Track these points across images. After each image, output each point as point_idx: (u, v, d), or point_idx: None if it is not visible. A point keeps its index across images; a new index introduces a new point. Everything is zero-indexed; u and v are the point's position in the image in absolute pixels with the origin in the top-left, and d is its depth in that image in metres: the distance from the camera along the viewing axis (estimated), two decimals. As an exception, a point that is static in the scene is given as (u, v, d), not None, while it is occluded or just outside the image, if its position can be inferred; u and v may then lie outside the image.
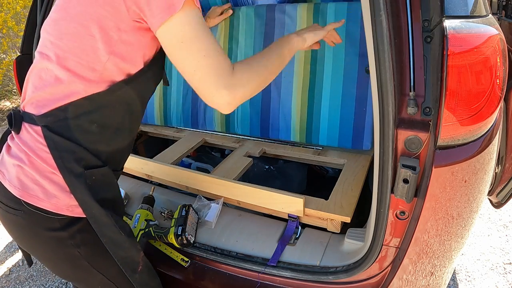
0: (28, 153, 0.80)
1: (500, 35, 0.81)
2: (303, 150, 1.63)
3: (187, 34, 0.74)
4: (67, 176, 0.79)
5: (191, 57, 0.75)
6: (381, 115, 0.84)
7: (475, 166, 0.85)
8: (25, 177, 0.80)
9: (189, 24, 0.74)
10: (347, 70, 1.47)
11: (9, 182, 0.81)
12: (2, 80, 4.60)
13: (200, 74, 0.76)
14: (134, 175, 1.68)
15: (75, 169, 0.80)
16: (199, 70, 0.76)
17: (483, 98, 0.78)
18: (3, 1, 4.37)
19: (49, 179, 0.80)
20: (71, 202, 0.82)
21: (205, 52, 0.75)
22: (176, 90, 1.91)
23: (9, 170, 0.82)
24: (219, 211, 1.38)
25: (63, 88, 0.78)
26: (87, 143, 0.82)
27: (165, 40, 0.76)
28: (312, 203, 1.25)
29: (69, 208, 0.82)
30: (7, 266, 2.09)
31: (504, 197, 1.52)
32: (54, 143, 0.78)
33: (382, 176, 0.90)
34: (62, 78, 0.78)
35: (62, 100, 0.79)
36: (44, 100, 0.80)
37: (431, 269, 1.00)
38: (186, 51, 0.75)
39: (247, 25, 1.64)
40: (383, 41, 0.78)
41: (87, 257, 0.88)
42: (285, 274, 1.15)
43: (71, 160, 0.79)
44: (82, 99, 0.78)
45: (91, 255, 0.89)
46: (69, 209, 0.82)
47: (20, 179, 0.80)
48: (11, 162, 0.82)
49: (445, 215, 0.89)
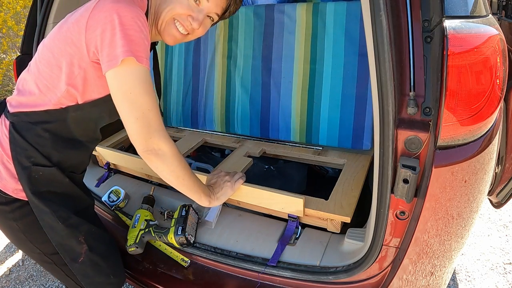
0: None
1: (500, 35, 0.81)
2: (303, 150, 1.63)
3: (124, 86, 0.88)
4: (17, 166, 0.97)
5: (125, 106, 0.89)
6: (381, 115, 0.84)
7: (475, 166, 0.85)
8: None
9: (130, 77, 0.87)
10: (347, 70, 1.47)
11: None
12: (2, 80, 4.60)
13: (135, 125, 0.90)
14: (134, 175, 1.68)
15: (23, 163, 0.97)
16: (139, 119, 0.90)
17: (483, 98, 0.78)
18: (3, 1, 4.37)
19: (4, 165, 1.00)
20: (17, 187, 1.00)
21: (143, 107, 0.90)
22: (176, 90, 1.92)
23: None
24: (219, 211, 1.38)
25: (32, 99, 0.97)
26: (38, 146, 0.98)
27: (109, 84, 0.90)
28: (312, 203, 1.25)
29: (14, 191, 1.00)
30: (7, 266, 2.09)
31: (504, 197, 1.52)
32: (14, 138, 0.97)
33: (382, 176, 0.90)
34: (33, 91, 0.97)
35: (29, 107, 0.97)
36: (18, 102, 0.99)
37: (431, 269, 1.00)
38: (121, 99, 0.89)
39: (246, 25, 1.65)
40: (383, 41, 0.78)
41: (24, 231, 1.04)
42: (285, 274, 1.15)
43: (22, 155, 0.97)
44: (42, 111, 0.96)
45: (28, 230, 1.04)
46: (14, 191, 1.00)
47: None
48: None
49: (445, 215, 0.89)
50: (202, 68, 1.83)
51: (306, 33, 1.52)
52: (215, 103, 1.80)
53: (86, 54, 0.89)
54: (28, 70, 1.01)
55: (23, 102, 0.98)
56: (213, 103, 1.81)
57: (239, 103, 1.72)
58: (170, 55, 1.91)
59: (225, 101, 1.78)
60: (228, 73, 1.75)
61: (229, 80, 1.75)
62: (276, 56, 1.60)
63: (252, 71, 1.67)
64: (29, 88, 0.97)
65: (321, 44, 1.50)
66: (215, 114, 1.81)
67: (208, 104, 1.82)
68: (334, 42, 1.47)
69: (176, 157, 0.99)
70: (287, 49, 1.57)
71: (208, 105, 1.82)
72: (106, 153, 1.70)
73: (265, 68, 1.63)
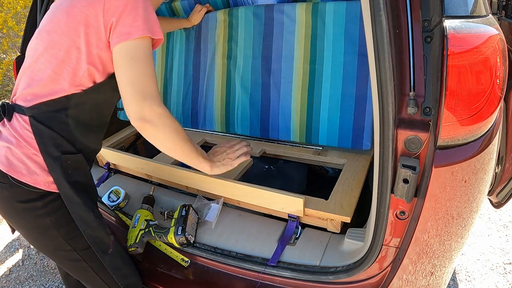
0: (17, 137, 0.98)
1: (500, 35, 0.81)
2: (303, 150, 1.63)
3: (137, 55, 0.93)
4: (46, 158, 0.97)
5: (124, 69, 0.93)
6: (381, 115, 0.84)
7: (475, 166, 0.85)
8: (12, 157, 0.98)
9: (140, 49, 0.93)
10: (346, 70, 1.47)
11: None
12: (2, 80, 4.60)
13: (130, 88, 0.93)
14: (134, 175, 1.68)
15: (53, 153, 0.98)
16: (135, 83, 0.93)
17: (483, 98, 0.78)
18: (4, 1, 4.37)
19: (32, 159, 0.98)
20: (48, 179, 0.99)
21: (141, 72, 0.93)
22: (176, 90, 1.92)
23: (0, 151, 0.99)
24: (219, 211, 1.38)
25: (49, 87, 0.97)
26: (64, 133, 0.99)
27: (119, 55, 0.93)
28: (312, 203, 1.25)
29: (45, 184, 0.99)
30: (7, 266, 2.09)
31: (504, 197, 1.52)
32: (38, 130, 0.96)
33: (382, 176, 0.90)
34: (50, 79, 0.96)
35: (47, 96, 0.97)
36: (33, 95, 0.98)
37: (431, 269, 1.00)
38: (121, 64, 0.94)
39: (246, 25, 1.65)
40: (383, 41, 0.77)
41: (56, 226, 1.02)
42: (285, 274, 1.15)
43: (51, 145, 0.97)
44: (62, 97, 0.97)
45: (60, 225, 1.02)
46: (45, 184, 0.99)
47: (8, 158, 0.98)
48: (1, 144, 1.00)
49: (445, 215, 0.89)
50: (202, 68, 1.83)
51: (305, 33, 1.52)
52: (215, 103, 1.80)
53: (103, 33, 0.94)
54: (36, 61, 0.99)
55: (39, 93, 0.97)
56: (213, 103, 1.81)
57: (239, 103, 1.72)
58: (170, 55, 1.91)
59: (225, 101, 1.78)
60: (228, 73, 1.75)
61: (229, 80, 1.75)
62: (276, 56, 1.60)
63: (252, 71, 1.67)
64: (45, 77, 0.97)
65: (321, 44, 1.50)
66: (215, 114, 1.81)
67: (208, 104, 1.82)
68: (334, 42, 1.47)
69: (170, 121, 0.99)
70: (286, 49, 1.57)
71: (208, 105, 1.82)
72: (106, 153, 1.70)
73: (265, 68, 1.63)
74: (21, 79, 1.01)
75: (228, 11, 1.69)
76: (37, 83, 0.97)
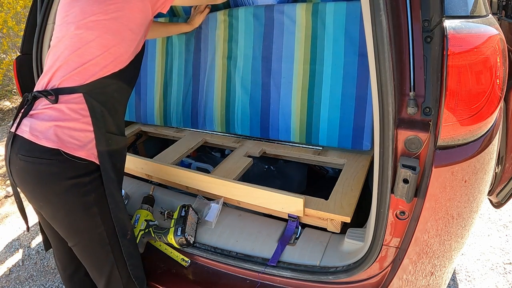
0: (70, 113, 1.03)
1: (500, 35, 0.81)
2: (303, 150, 1.63)
3: None
4: (97, 132, 1.05)
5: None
6: (381, 115, 0.84)
7: (475, 166, 0.85)
8: (63, 134, 1.02)
9: None
10: (346, 70, 1.47)
11: (45, 140, 1.00)
12: (2, 80, 4.60)
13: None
14: (134, 175, 1.68)
15: (102, 128, 1.07)
16: None
17: (483, 98, 0.78)
18: (4, 1, 4.36)
19: (84, 133, 1.04)
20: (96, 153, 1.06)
21: None
22: (176, 90, 1.92)
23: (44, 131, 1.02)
24: (219, 211, 1.38)
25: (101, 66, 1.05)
26: (112, 107, 1.10)
27: None
28: (312, 203, 1.25)
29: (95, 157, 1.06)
30: (7, 266, 2.09)
31: (504, 197, 1.52)
32: (92, 106, 1.04)
33: (382, 176, 0.90)
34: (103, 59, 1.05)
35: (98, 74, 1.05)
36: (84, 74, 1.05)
37: (431, 269, 1.00)
38: None
39: (246, 25, 1.65)
40: (383, 41, 0.78)
41: (97, 203, 1.07)
42: (285, 274, 1.15)
43: (101, 120, 1.06)
44: (112, 74, 1.07)
45: (99, 203, 1.08)
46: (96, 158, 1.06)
47: (57, 135, 1.01)
48: (49, 124, 1.02)
49: (445, 215, 0.89)
50: (202, 68, 1.83)
51: (305, 33, 1.52)
52: (215, 103, 1.80)
53: (150, 13, 1.12)
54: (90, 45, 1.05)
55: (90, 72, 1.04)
56: (213, 103, 1.81)
57: (239, 103, 1.72)
58: (171, 55, 1.92)
59: (225, 101, 1.78)
60: (228, 74, 1.75)
61: (229, 80, 1.75)
62: (276, 57, 1.60)
63: (252, 71, 1.67)
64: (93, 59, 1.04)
65: (321, 44, 1.50)
66: (215, 114, 1.81)
67: (208, 104, 1.82)
68: (334, 42, 1.47)
69: None
70: (287, 49, 1.57)
71: (208, 105, 1.82)
72: (106, 153, 1.70)
73: (265, 68, 1.63)
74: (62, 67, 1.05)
75: (228, 12, 1.69)
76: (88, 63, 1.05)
